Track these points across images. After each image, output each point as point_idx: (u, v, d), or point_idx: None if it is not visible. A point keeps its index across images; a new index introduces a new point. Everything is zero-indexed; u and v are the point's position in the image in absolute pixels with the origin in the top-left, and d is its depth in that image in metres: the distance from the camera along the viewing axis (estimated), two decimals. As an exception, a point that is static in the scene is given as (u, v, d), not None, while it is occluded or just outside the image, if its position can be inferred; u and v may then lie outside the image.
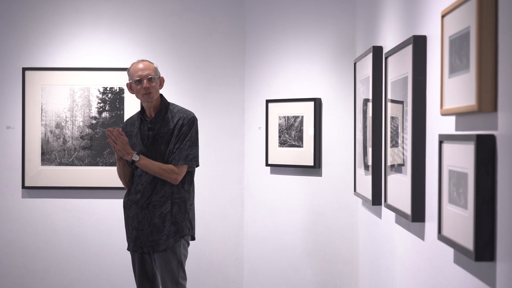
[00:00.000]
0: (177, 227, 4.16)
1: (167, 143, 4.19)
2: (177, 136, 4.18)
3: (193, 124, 4.22)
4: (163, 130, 4.21)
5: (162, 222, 4.16)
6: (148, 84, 4.19)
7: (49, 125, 5.59)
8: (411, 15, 2.98)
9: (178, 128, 4.19)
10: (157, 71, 4.27)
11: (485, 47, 1.91)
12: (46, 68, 5.58)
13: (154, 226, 4.17)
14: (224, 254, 5.64)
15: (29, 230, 5.63)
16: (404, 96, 2.95)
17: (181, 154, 4.16)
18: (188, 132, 4.19)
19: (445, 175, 2.28)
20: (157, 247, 4.16)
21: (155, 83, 4.22)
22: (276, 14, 5.35)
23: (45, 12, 5.62)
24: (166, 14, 5.64)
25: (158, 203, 4.17)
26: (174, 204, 4.18)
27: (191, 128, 4.20)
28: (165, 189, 4.18)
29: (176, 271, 4.15)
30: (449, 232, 2.22)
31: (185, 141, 4.17)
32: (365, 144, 3.97)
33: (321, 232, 5.05)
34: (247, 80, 5.61)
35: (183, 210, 4.19)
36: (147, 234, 4.18)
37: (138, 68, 4.24)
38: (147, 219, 4.18)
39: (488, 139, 1.91)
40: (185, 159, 4.16)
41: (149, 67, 4.23)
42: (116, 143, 4.13)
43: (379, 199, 3.66)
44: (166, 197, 4.18)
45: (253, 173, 5.56)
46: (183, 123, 4.20)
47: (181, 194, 4.20)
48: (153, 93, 4.21)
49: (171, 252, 4.15)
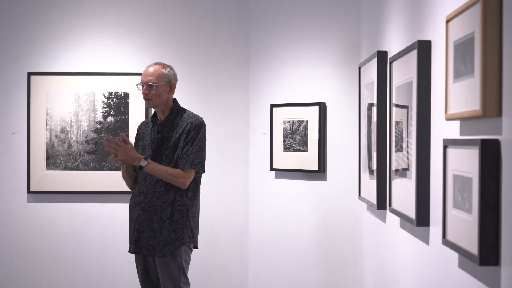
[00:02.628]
0: (177, 235, 4.13)
1: (173, 147, 4.19)
2: (184, 141, 4.18)
3: (200, 128, 4.19)
4: (171, 134, 4.21)
5: (160, 229, 4.14)
6: (146, 91, 4.16)
7: (54, 130, 5.60)
8: (416, 20, 2.99)
9: (186, 133, 4.18)
10: (162, 77, 4.19)
11: (490, 52, 1.91)
12: (52, 73, 5.59)
13: (153, 230, 4.16)
14: (229, 258, 5.65)
15: (34, 234, 5.64)
16: (408, 101, 2.95)
17: (187, 158, 4.15)
18: (196, 136, 4.18)
19: (449, 179, 2.28)
20: (154, 252, 4.15)
21: (155, 90, 4.16)
22: (281, 19, 5.36)
23: (50, 17, 5.64)
24: (172, 19, 5.65)
25: (160, 208, 4.16)
26: (175, 211, 4.15)
27: (199, 133, 4.18)
28: (168, 195, 4.16)
29: (177, 277, 4.14)
30: (454, 237, 2.22)
31: (192, 146, 4.16)
32: (369, 148, 3.97)
33: (326, 236, 5.05)
34: (252, 84, 5.62)
35: (184, 218, 4.15)
36: (146, 237, 4.17)
37: (145, 72, 4.23)
38: (147, 221, 4.18)
39: (493, 144, 1.91)
40: (191, 163, 4.15)
41: (153, 73, 4.19)
42: (117, 154, 4.11)
43: (384, 204, 3.66)
44: (168, 203, 4.16)
45: (257, 178, 5.56)
46: (190, 127, 4.18)
47: (184, 201, 4.17)
48: (153, 100, 4.17)
49: (171, 258, 4.13)
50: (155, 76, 4.19)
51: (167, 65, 4.28)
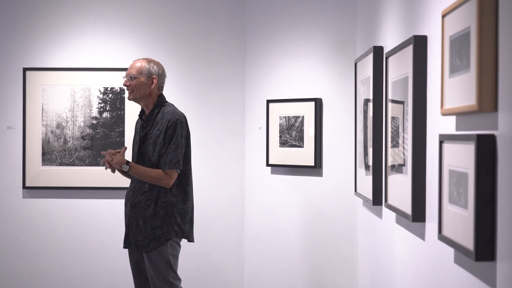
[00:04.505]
0: (161, 231, 4.13)
1: (153, 144, 4.19)
2: (164, 139, 4.17)
3: (177, 126, 4.15)
4: (152, 130, 4.21)
5: (144, 225, 4.16)
6: (127, 82, 4.22)
7: (50, 125, 5.59)
8: (411, 15, 2.99)
9: (164, 131, 4.17)
10: (143, 70, 4.23)
11: (486, 47, 1.91)
12: (47, 68, 5.58)
13: (139, 227, 4.17)
14: (224, 254, 5.64)
15: (30, 230, 5.63)
16: (404, 96, 2.95)
17: (166, 158, 4.13)
18: (172, 135, 4.15)
19: (445, 175, 2.28)
20: (141, 247, 4.17)
21: (136, 82, 4.21)
22: (277, 14, 5.35)
23: (45, 12, 5.62)
24: (167, 14, 5.64)
25: (144, 205, 4.16)
26: (160, 208, 4.14)
27: (175, 131, 4.15)
28: (152, 192, 4.16)
29: (165, 272, 4.14)
30: (450, 232, 2.22)
31: (170, 145, 4.15)
32: (365, 144, 3.97)
33: (322, 232, 5.04)
34: (247, 80, 5.61)
35: (169, 214, 4.14)
36: (134, 233, 4.19)
37: (130, 65, 4.31)
38: (134, 218, 4.20)
39: (489, 139, 1.91)
40: (169, 163, 4.13)
41: (134, 66, 4.25)
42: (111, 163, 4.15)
43: (380, 199, 3.66)
44: (151, 200, 4.15)
45: (253, 173, 5.56)
46: (168, 125, 4.16)
47: (168, 198, 4.16)
48: (135, 92, 4.22)
49: (157, 253, 4.13)
50: (136, 68, 4.25)
51: (153, 61, 4.32)
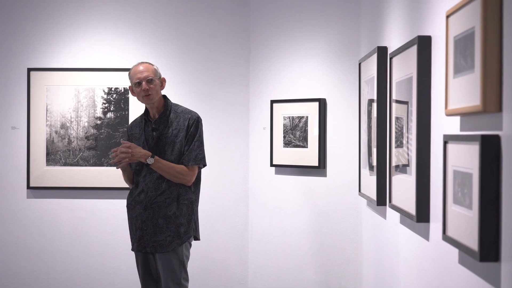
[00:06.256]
0: (185, 228, 4.17)
1: (170, 143, 4.19)
2: (186, 137, 4.18)
3: (199, 124, 4.23)
4: (167, 131, 4.21)
5: (166, 224, 4.16)
6: (147, 86, 4.17)
7: (54, 126, 5.60)
8: (415, 16, 2.98)
9: (186, 129, 4.19)
10: (156, 72, 4.24)
11: (490, 47, 1.91)
12: (51, 69, 5.59)
13: (158, 226, 4.16)
14: (228, 254, 5.64)
15: (34, 230, 5.64)
16: (409, 97, 2.95)
17: (190, 155, 4.17)
18: (195, 132, 4.20)
19: (449, 175, 2.28)
20: (160, 248, 4.16)
21: (154, 84, 4.19)
22: (281, 14, 5.35)
23: (50, 13, 5.63)
24: (171, 14, 5.64)
25: (163, 204, 4.17)
26: (182, 205, 4.17)
27: (198, 129, 4.21)
28: (171, 190, 4.18)
29: (178, 272, 4.15)
30: (454, 233, 2.22)
31: (194, 142, 4.19)
32: (369, 144, 3.97)
33: (326, 232, 5.04)
34: (251, 80, 5.61)
35: (190, 211, 4.20)
36: (151, 234, 4.18)
37: (137, 70, 4.23)
38: (150, 219, 4.18)
39: (493, 139, 1.91)
40: (194, 159, 4.18)
41: (147, 69, 4.21)
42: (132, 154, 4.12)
43: (384, 200, 3.66)
44: (172, 198, 4.17)
45: (257, 174, 5.56)
46: (189, 123, 4.20)
47: (189, 195, 4.20)
48: (153, 95, 4.19)
49: (173, 253, 4.15)
50: (150, 71, 4.22)
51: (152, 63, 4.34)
